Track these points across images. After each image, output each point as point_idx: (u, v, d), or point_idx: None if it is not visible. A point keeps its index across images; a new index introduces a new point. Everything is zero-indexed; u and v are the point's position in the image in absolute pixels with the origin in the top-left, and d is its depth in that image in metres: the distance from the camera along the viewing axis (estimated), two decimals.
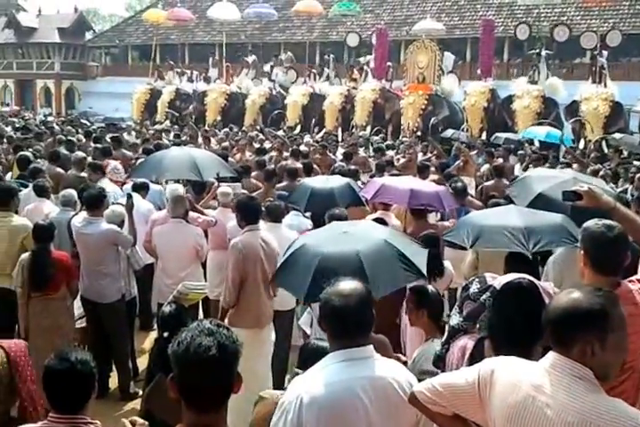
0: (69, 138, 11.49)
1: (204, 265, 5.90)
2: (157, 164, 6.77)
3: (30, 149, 9.86)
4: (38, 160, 8.50)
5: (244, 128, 19.01)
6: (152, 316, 6.15)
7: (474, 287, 2.63)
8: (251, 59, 24.26)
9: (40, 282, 4.82)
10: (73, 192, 6.18)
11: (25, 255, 5.02)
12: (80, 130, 15.18)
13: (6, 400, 3.01)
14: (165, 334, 3.35)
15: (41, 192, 6.42)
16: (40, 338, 4.66)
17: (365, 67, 21.26)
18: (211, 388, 1.77)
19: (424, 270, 3.37)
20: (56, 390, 2.47)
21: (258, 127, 18.13)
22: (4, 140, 12.17)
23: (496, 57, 22.57)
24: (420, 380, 2.21)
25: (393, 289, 3.40)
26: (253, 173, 8.26)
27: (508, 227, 4.15)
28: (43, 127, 15.70)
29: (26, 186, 6.81)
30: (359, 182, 7.49)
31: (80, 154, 8.52)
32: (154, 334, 5.70)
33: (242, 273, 4.60)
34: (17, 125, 16.90)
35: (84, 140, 12.12)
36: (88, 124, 19.67)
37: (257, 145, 12.53)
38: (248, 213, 4.83)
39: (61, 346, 4.46)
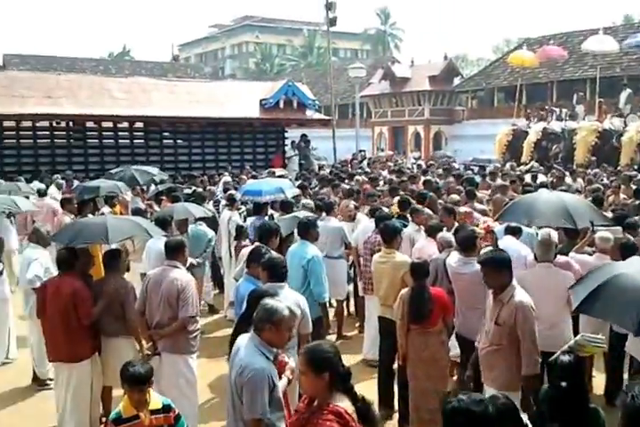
0: (427, 179, 12.17)
1: None
2: (529, 207, 6.75)
3: (402, 192, 10.76)
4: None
5: (619, 168, 17.76)
6: None
7: None
8: (625, 93, 22.70)
9: (419, 316, 5.23)
10: (449, 234, 6.58)
11: (405, 290, 5.52)
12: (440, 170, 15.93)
13: None
14: (564, 384, 3.37)
15: (431, 232, 6.95)
16: (418, 369, 5.06)
17: None
18: None
19: None
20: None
21: (635, 167, 16.79)
22: (382, 182, 13.48)
23: None
24: None
25: None
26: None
27: None
28: (415, 170, 16.98)
29: (406, 226, 7.47)
30: None
31: (455, 197, 9.01)
32: None
33: None
34: (392, 169, 18.54)
35: (453, 181, 12.70)
36: (456, 166, 20.54)
37: (634, 187, 11.61)
38: None
39: (437, 377, 4.79)
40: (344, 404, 3.11)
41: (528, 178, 14.07)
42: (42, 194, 11.91)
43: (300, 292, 5.98)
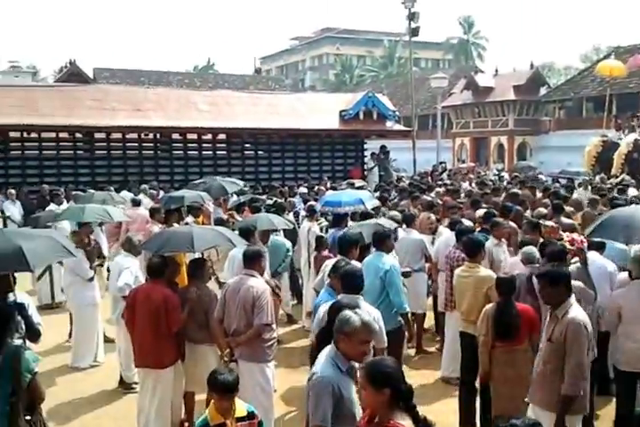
0: (514, 191, 11.84)
1: None
2: (627, 224, 6.34)
3: (484, 205, 10.51)
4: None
5: None
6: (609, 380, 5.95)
7: None
8: None
9: (505, 333, 5.07)
10: (534, 249, 6.37)
11: (490, 306, 5.36)
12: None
13: None
14: None
15: (522, 247, 6.72)
16: (503, 387, 4.90)
17: None
18: None
19: None
20: None
21: None
22: (463, 194, 13.22)
23: None
24: None
25: None
26: None
27: None
28: (498, 182, 16.59)
29: (487, 239, 7.28)
30: None
31: (542, 211, 8.74)
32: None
33: None
34: (475, 181, 18.17)
35: (539, 195, 12.33)
36: (543, 179, 19.93)
37: None
38: None
39: (521, 397, 4.62)
40: (405, 422, 3.04)
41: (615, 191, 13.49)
42: (136, 203, 12.35)
43: (376, 303, 5.94)
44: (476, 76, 39.23)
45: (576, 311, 4.42)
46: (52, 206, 12.63)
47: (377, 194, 12.92)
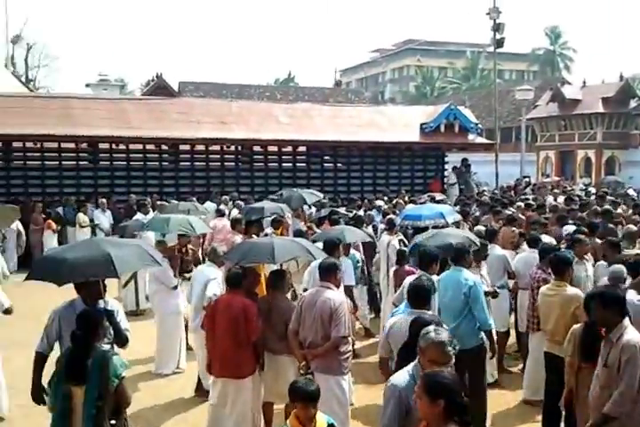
0: (607, 208, 11.32)
1: None
2: None
3: (571, 221, 10.14)
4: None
5: None
6: None
7: None
8: None
9: (592, 354, 4.84)
10: (622, 268, 6.09)
11: (577, 326, 5.14)
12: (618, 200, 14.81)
13: None
14: None
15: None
16: (589, 410, 4.67)
17: None
18: None
19: None
20: None
21: None
22: (548, 209, 12.81)
23: None
24: None
25: None
26: None
27: None
28: (585, 197, 15.98)
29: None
30: None
31: (632, 228, 8.35)
32: None
33: None
34: (560, 196, 17.58)
35: (629, 211, 11.81)
36: (633, 194, 19.08)
37: None
38: None
39: None
40: None
41: None
42: (221, 214, 12.62)
43: (458, 319, 5.81)
44: (563, 88, 38.18)
45: (631, 334, 4.29)
46: (139, 216, 13.06)
47: (457, 208, 12.71)
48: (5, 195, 16.81)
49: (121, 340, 4.96)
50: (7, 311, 6.78)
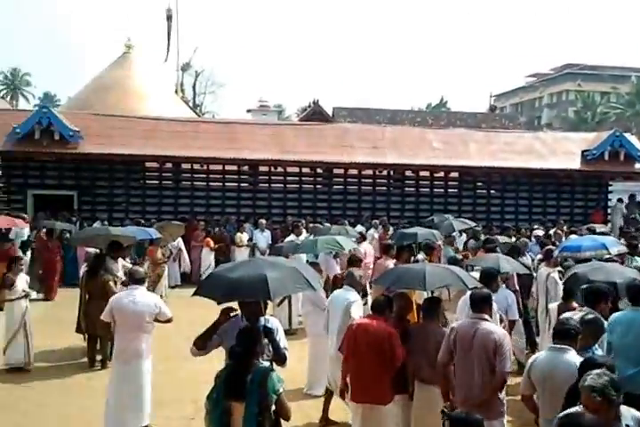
0: None
1: None
2: None
3: None
4: None
5: None
6: None
7: None
8: None
9: None
10: None
11: None
12: None
13: None
14: None
15: None
16: None
17: None
18: None
19: None
20: None
21: None
22: None
23: None
24: None
25: None
26: None
27: None
28: None
29: None
30: None
31: None
32: None
33: None
34: None
35: None
36: None
37: None
38: None
39: None
40: None
41: None
42: (363, 238, 12.76)
43: None
44: None
45: None
46: (292, 237, 13.51)
47: (623, 240, 11.90)
48: (173, 213, 18.10)
49: (280, 358, 5.04)
50: (168, 321, 7.19)
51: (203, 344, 5.00)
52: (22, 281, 9.17)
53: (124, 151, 17.17)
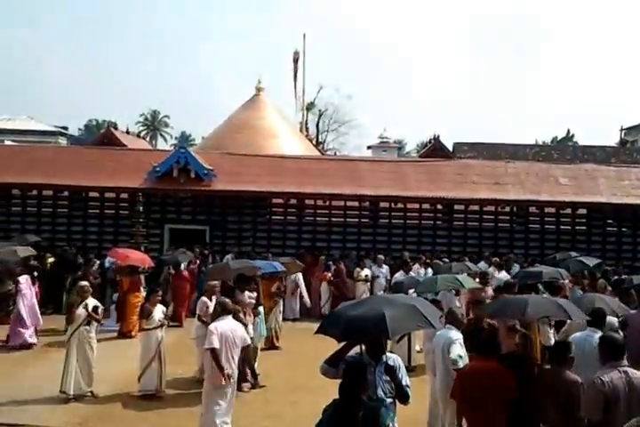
0: None
1: None
2: None
3: None
4: None
5: None
6: None
7: None
8: None
9: None
10: None
11: None
12: None
13: None
14: None
15: None
16: None
17: None
18: None
19: None
20: None
21: None
22: None
23: None
24: None
25: None
26: None
27: None
28: None
29: None
30: None
31: None
32: None
33: None
34: None
35: None
36: None
37: None
38: None
39: None
40: None
41: None
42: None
43: None
44: None
45: None
46: (400, 273, 13.63)
47: None
48: (295, 247, 18.71)
49: (402, 395, 5.08)
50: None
51: (335, 362, 5.03)
52: (159, 311, 9.80)
53: (253, 188, 18.12)
